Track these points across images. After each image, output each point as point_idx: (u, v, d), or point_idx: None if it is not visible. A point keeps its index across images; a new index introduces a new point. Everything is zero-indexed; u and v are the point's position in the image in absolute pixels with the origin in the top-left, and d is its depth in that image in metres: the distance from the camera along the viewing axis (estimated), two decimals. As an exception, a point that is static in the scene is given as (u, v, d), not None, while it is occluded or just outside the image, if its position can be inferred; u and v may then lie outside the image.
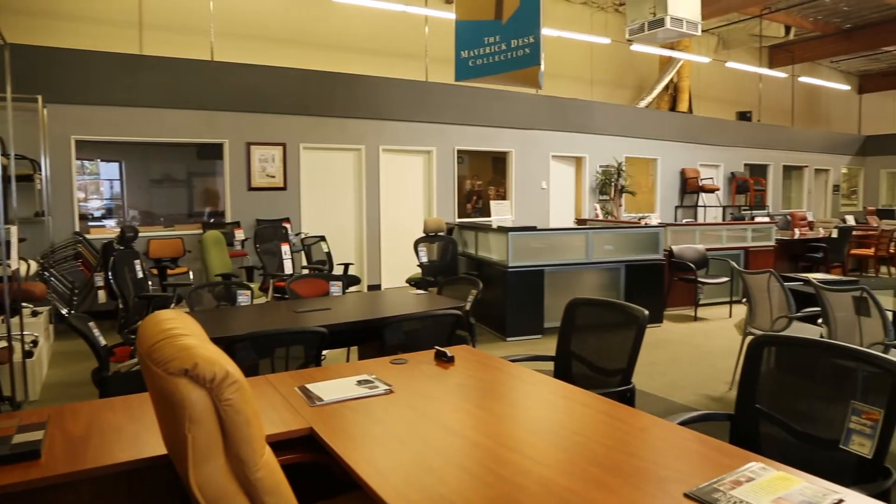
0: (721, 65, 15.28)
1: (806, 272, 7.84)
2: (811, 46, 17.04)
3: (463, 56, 6.58)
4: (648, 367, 5.48)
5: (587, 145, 12.06)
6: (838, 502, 1.42)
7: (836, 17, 15.34)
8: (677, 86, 14.89)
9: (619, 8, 14.18)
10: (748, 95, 17.10)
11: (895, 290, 5.16)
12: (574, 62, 14.12)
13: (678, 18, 6.58)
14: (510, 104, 10.88)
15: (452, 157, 10.31)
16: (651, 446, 1.78)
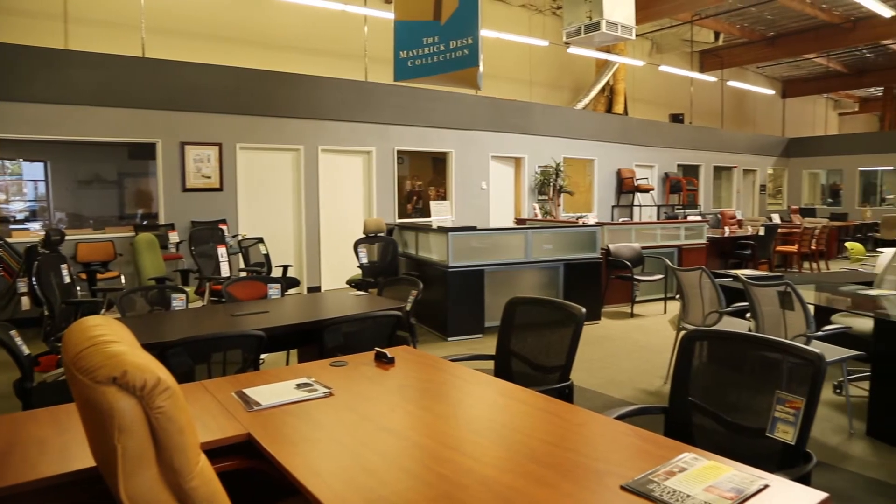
0: (655, 68, 15.74)
1: (735, 268, 8.13)
2: (739, 52, 17.73)
3: (402, 56, 6.57)
4: (587, 363, 5.59)
5: (526, 146, 12.22)
6: (764, 487, 1.48)
7: (760, 25, 16.01)
8: (613, 88, 15.25)
9: (557, 11, 14.42)
10: (680, 98, 17.65)
11: (816, 284, 5.42)
12: (513, 64, 14.29)
13: (613, 22, 6.73)
14: (450, 105, 10.92)
15: (392, 157, 10.28)
16: (589, 441, 1.82)
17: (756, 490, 1.47)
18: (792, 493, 1.47)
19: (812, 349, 1.90)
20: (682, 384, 2.19)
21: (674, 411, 2.21)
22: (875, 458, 3.61)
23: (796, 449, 1.83)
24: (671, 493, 1.46)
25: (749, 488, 1.48)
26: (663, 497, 1.45)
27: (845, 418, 4.13)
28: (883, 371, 3.84)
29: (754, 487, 1.48)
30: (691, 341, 2.18)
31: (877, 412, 3.88)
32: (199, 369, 2.88)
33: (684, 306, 4.80)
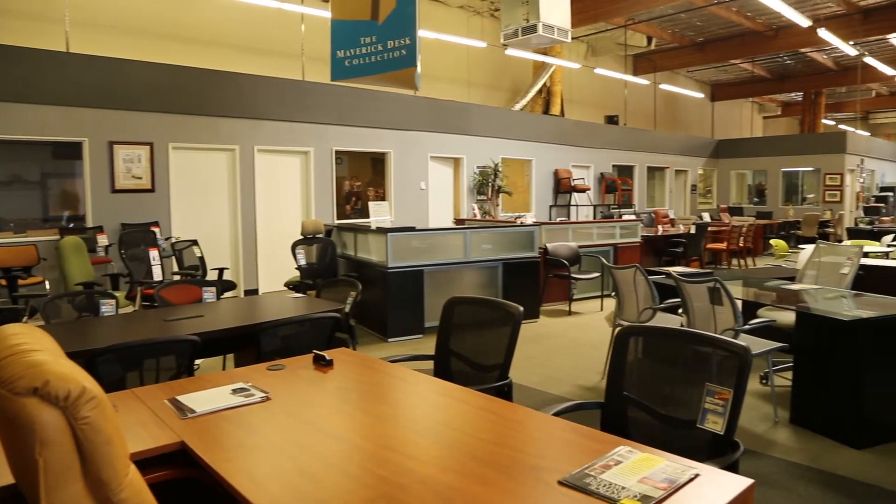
0: (590, 71, 16.08)
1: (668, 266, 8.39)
2: (670, 56, 18.31)
3: (339, 56, 6.50)
4: (526, 361, 5.66)
5: (465, 146, 12.29)
6: (694, 477, 1.53)
7: (690, 31, 16.57)
8: (550, 90, 15.50)
9: (495, 13, 14.57)
10: (615, 100, 18.10)
11: (744, 280, 5.64)
12: (452, 65, 14.36)
13: (550, 25, 6.83)
14: (389, 105, 10.89)
15: (331, 157, 10.18)
16: (527, 438, 1.84)
17: (687, 479, 1.52)
18: (720, 480, 1.53)
19: (739, 342, 1.98)
20: (617, 380, 2.24)
21: (609, 406, 2.26)
22: (797, 443, 3.78)
23: (725, 438, 1.90)
24: (607, 486, 1.50)
25: (681, 478, 1.53)
26: (599, 490, 1.48)
27: (771, 407, 4.32)
28: (804, 361, 4.03)
29: (685, 477, 1.53)
30: (625, 337, 2.24)
31: (799, 401, 4.07)
32: (131, 377, 2.79)
33: (620, 303, 4.92)
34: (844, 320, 3.76)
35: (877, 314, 3.81)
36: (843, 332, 3.77)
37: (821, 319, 3.95)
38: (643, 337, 2.24)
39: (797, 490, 3.21)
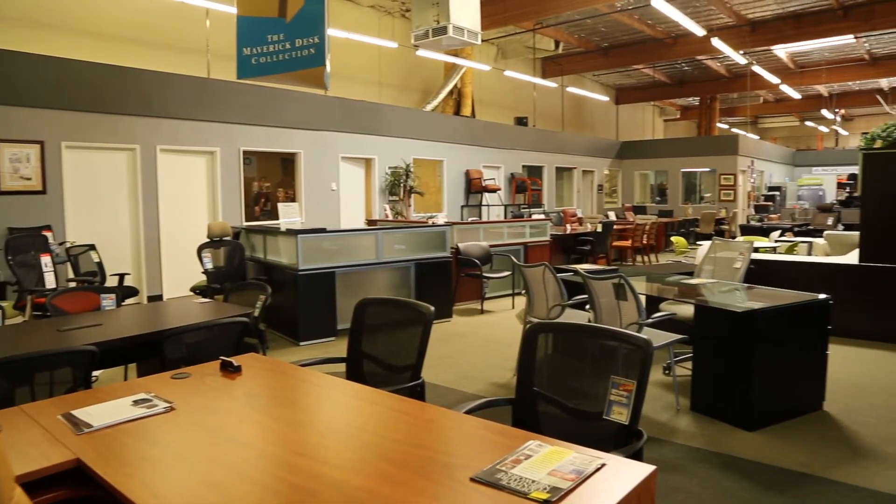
0: (500, 73, 16.34)
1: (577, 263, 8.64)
2: (577, 60, 18.87)
3: (245, 53, 6.33)
4: (439, 360, 5.70)
5: (376, 147, 12.23)
6: (601, 466, 1.59)
7: (595, 36, 17.13)
8: (461, 91, 15.65)
9: (406, 14, 14.57)
10: (524, 102, 18.47)
11: (647, 276, 5.89)
12: (363, 65, 14.26)
13: (460, 27, 6.89)
14: (299, 104, 10.69)
15: (238, 158, 9.89)
16: (439, 437, 1.85)
17: (594, 469, 1.57)
18: (625, 469, 1.59)
19: (641, 336, 2.06)
20: (527, 375, 2.29)
21: (520, 402, 2.30)
22: (697, 429, 3.99)
23: (630, 428, 1.97)
24: (518, 480, 1.52)
25: (588, 468, 1.58)
26: (510, 484, 1.50)
27: (673, 396, 4.53)
28: (702, 351, 4.25)
29: (592, 467, 1.58)
30: (534, 334, 2.28)
31: (698, 389, 4.29)
32: (21, 392, 2.60)
33: (530, 301, 5.03)
34: (737, 312, 3.99)
35: (766, 305, 4.07)
36: (736, 322, 4.00)
37: (716, 311, 4.19)
38: (551, 333, 2.30)
39: (698, 473, 3.38)
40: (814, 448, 3.71)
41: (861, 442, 3.81)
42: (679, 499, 3.09)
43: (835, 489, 3.21)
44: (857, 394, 4.67)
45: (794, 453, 3.63)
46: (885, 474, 3.38)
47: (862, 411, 4.32)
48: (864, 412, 4.30)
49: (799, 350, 4.26)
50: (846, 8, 14.10)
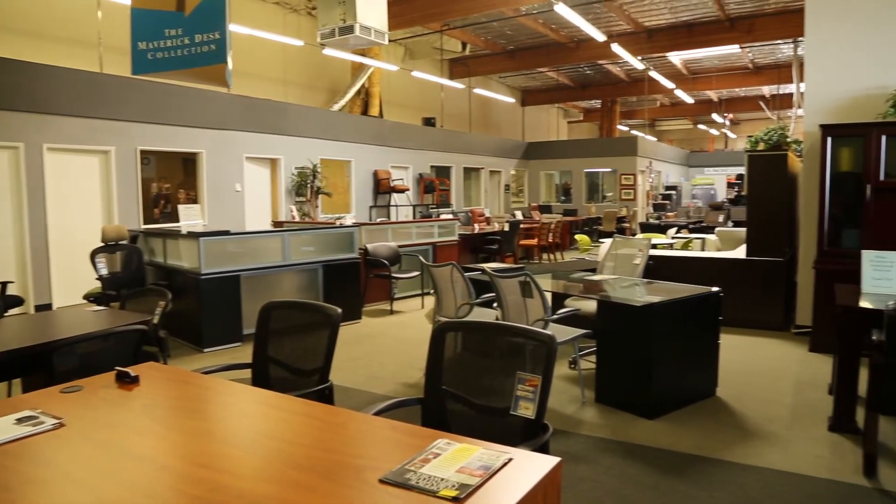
0: (408, 73, 16.36)
1: (485, 262, 8.78)
2: (484, 62, 19.14)
3: (141, 48, 6.03)
4: (349, 362, 5.64)
5: (282, 147, 11.98)
6: (508, 461, 1.61)
7: (502, 39, 17.43)
8: (369, 91, 15.56)
9: (312, 11, 14.33)
10: (432, 103, 18.56)
11: (553, 273, 6.05)
12: (268, 63, 13.91)
13: (367, 27, 6.84)
14: (201, 102, 10.32)
15: (135, 157, 9.44)
16: (347, 440, 1.83)
17: (501, 464, 1.59)
18: (532, 462, 1.62)
19: (545, 332, 2.11)
20: (436, 374, 2.30)
21: (429, 401, 2.31)
22: (602, 420, 4.14)
23: (536, 422, 2.02)
24: (427, 479, 1.53)
25: (495, 464, 1.60)
26: (420, 484, 1.51)
27: (579, 389, 4.67)
28: (605, 345, 4.41)
29: (500, 462, 1.60)
30: (441, 333, 2.30)
31: (602, 381, 4.45)
32: None
33: (438, 300, 5.06)
34: (636, 306, 4.17)
35: (663, 299, 4.27)
36: (635, 316, 4.18)
37: (617, 306, 4.36)
38: (458, 332, 2.32)
39: (602, 462, 3.50)
40: (708, 432, 3.93)
41: (749, 423, 4.07)
42: (585, 488, 3.20)
43: (727, 469, 3.41)
44: (746, 379, 4.99)
45: (691, 438, 3.84)
46: (770, 451, 3.63)
47: (750, 395, 4.61)
48: (752, 396, 4.60)
49: (694, 340, 4.50)
50: (732, 20, 15.02)
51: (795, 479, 3.30)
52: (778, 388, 4.79)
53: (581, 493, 3.15)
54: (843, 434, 3.88)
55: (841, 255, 5.54)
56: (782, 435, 3.89)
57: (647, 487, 3.20)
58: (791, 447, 3.71)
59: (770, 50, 18.24)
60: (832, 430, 3.94)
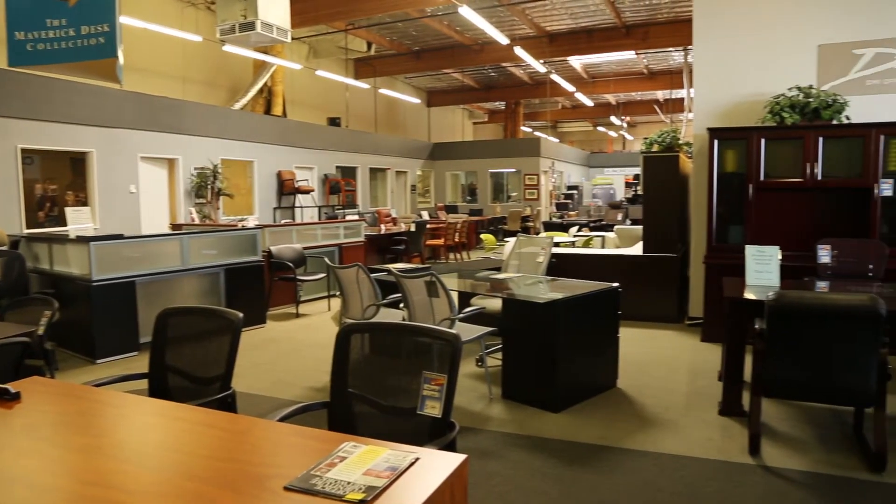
0: (312, 72, 16.09)
1: (392, 263, 8.75)
2: (389, 62, 19.09)
3: (18, 38, 5.62)
4: (253, 368, 5.49)
5: (180, 146, 11.51)
6: (415, 461, 1.61)
7: (407, 40, 17.45)
8: (272, 90, 15.19)
9: (211, 6, 13.82)
10: (337, 102, 18.35)
11: (459, 272, 6.12)
12: (164, 58, 13.32)
13: (269, 24, 6.68)
14: (90, 98, 9.75)
15: (16, 157, 8.80)
16: (251, 448, 1.78)
17: (408, 464, 1.59)
18: (438, 460, 1.63)
19: (450, 331, 2.13)
20: (342, 377, 2.27)
21: (335, 404, 2.28)
22: (509, 415, 4.22)
23: (443, 420, 2.03)
24: (333, 483, 1.50)
25: (402, 464, 1.59)
26: (326, 489, 1.48)
27: (486, 386, 4.74)
28: (510, 342, 4.50)
29: (407, 462, 1.60)
30: (346, 335, 2.27)
31: (508, 377, 4.54)
32: None
33: (345, 302, 5.00)
34: (540, 303, 4.28)
35: (565, 295, 4.40)
36: (539, 313, 4.28)
37: (521, 303, 4.46)
38: (364, 333, 2.30)
39: (510, 456, 3.57)
40: (610, 422, 4.09)
41: (648, 412, 4.26)
42: (494, 482, 3.25)
43: (628, 456, 3.56)
44: (644, 370, 5.22)
45: (594, 428, 3.98)
46: (667, 437, 3.82)
47: (648, 385, 4.83)
48: (650, 386, 4.82)
49: (595, 335, 4.67)
50: (628, 27, 15.69)
51: (689, 462, 3.48)
52: (673, 378, 5.04)
53: (490, 488, 3.19)
54: (732, 417, 4.13)
55: (728, 251, 5.90)
56: (677, 421, 4.10)
57: (554, 479, 3.29)
58: (685, 432, 3.91)
59: (663, 57, 19.18)
60: (722, 414, 4.19)
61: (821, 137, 5.75)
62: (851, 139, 5.72)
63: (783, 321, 3.36)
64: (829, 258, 5.01)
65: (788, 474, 3.34)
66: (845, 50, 6.25)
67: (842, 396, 3.51)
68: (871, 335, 3.22)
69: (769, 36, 6.43)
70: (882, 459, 3.35)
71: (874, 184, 5.63)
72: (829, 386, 3.41)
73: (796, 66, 6.33)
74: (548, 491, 3.17)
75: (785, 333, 3.38)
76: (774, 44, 6.41)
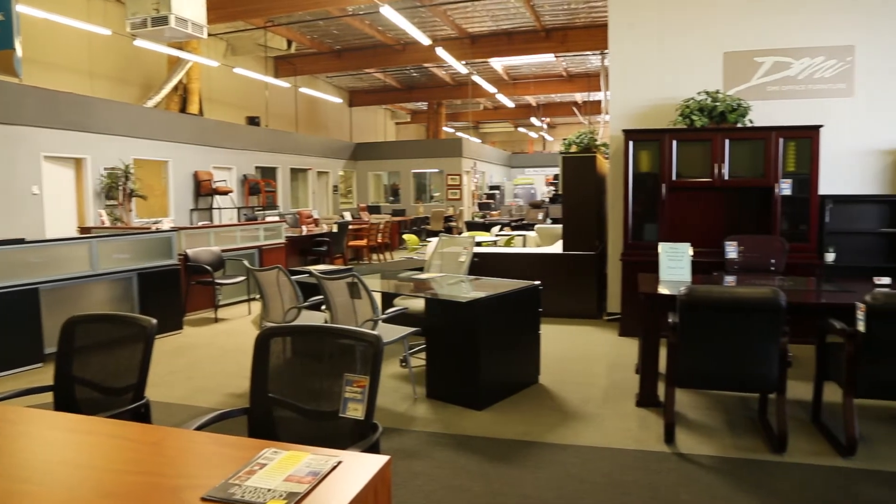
0: (230, 70, 15.66)
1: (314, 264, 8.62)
2: (310, 61, 18.80)
3: None
4: (170, 376, 5.29)
5: (88, 145, 10.97)
6: (337, 464, 1.60)
7: (328, 38, 17.22)
8: (187, 87, 14.69)
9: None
10: (256, 101, 17.93)
11: (382, 273, 6.10)
12: (70, 52, 12.65)
13: (183, 18, 6.46)
14: (-16, 94, 9.16)
15: None
16: (166, 459, 1.72)
17: (330, 468, 1.58)
18: (361, 463, 1.61)
19: (371, 332, 2.12)
20: (261, 382, 2.22)
21: (255, 410, 2.23)
22: (434, 415, 4.23)
23: (366, 422, 2.02)
24: (253, 492, 1.47)
25: (324, 468, 1.58)
26: (245, 497, 1.45)
27: (410, 386, 4.74)
28: (434, 341, 4.52)
29: (329, 466, 1.59)
30: (266, 340, 2.22)
31: (432, 376, 4.56)
32: None
33: (265, 305, 4.90)
34: (462, 302, 4.31)
35: (487, 294, 4.46)
36: (462, 312, 4.32)
37: (444, 303, 4.49)
38: (284, 337, 2.26)
39: (435, 455, 3.59)
40: (533, 417, 4.17)
41: (569, 406, 4.37)
42: (419, 483, 3.26)
43: (550, 450, 3.64)
44: (565, 365, 5.35)
45: (517, 424, 4.05)
46: (587, 430, 3.94)
47: (569, 380, 4.96)
48: (571, 381, 4.94)
49: (517, 332, 4.75)
50: (547, 31, 16.04)
51: (609, 453, 3.60)
52: (592, 372, 5.19)
53: (416, 488, 3.20)
54: (648, 408, 4.30)
55: (643, 248, 6.13)
56: (597, 414, 4.22)
57: (478, 476, 3.33)
58: (605, 424, 4.04)
59: (581, 60, 19.70)
60: (639, 406, 4.35)
61: (727, 139, 6.05)
62: (754, 141, 6.06)
63: (694, 314, 3.52)
64: (736, 254, 5.29)
65: (701, 460, 3.50)
66: (748, 58, 6.60)
67: (748, 384, 3.71)
68: (773, 326, 3.42)
69: (679, 42, 6.72)
70: (783, 441, 3.56)
71: (775, 183, 5.98)
72: (736, 374, 3.60)
73: (705, 72, 6.65)
74: (472, 488, 3.20)
75: (696, 326, 3.54)
76: (684, 50, 6.71)
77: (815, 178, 5.95)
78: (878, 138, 6.42)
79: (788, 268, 5.30)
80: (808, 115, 6.36)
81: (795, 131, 5.99)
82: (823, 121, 6.03)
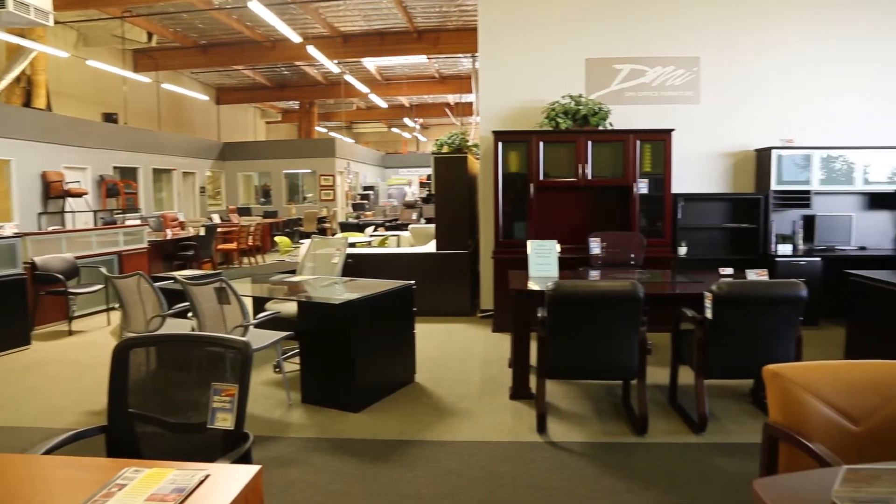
0: (83, 62, 14.53)
1: (180, 270, 8.21)
2: (173, 56, 17.81)
3: None
4: (16, 396, 4.85)
5: (-88, 143, 9.82)
6: (205, 478, 1.53)
7: (193, 32, 16.40)
8: (32, 79, 13.46)
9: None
10: (114, 97, 16.78)
11: (252, 277, 5.91)
12: None
13: (24, 3, 5.93)
14: None
15: None
16: (8, 489, 1.57)
17: (197, 483, 1.51)
18: (230, 474, 1.56)
19: (238, 338, 2.05)
20: (120, 397, 2.09)
21: (114, 428, 2.09)
22: (309, 420, 4.16)
23: (236, 432, 1.95)
24: (110, 515, 1.39)
25: (191, 483, 1.51)
26: (101, 522, 1.36)
27: (284, 392, 4.63)
28: (308, 345, 4.44)
29: (195, 481, 1.52)
30: (124, 351, 2.09)
31: (307, 381, 4.47)
32: None
33: (126, 315, 4.60)
34: (336, 304, 4.27)
35: (361, 295, 4.44)
36: (335, 314, 4.27)
37: (317, 305, 4.42)
38: (145, 347, 2.14)
39: (311, 461, 3.52)
40: (409, 416, 4.19)
41: (445, 403, 4.44)
42: (296, 489, 3.19)
43: (428, 448, 3.69)
44: (441, 363, 5.43)
45: (394, 424, 4.06)
46: (463, 425, 4.02)
47: (444, 377, 5.04)
48: (446, 378, 5.02)
49: (392, 332, 4.76)
50: (420, 32, 16.16)
51: (485, 446, 3.69)
52: (467, 368, 5.30)
53: (292, 496, 3.12)
54: (521, 400, 4.45)
55: (514, 246, 6.34)
56: (472, 409, 4.32)
57: (356, 478, 3.30)
58: (480, 419, 4.14)
59: (453, 62, 20.03)
60: (512, 398, 4.50)
61: (590, 141, 6.39)
62: (614, 143, 6.44)
63: (560, 308, 3.69)
64: (599, 249, 5.60)
65: (571, 446, 3.67)
66: (608, 64, 7.00)
67: (612, 372, 3.94)
68: (633, 316, 3.65)
69: (545, 48, 7.01)
70: (644, 424, 3.82)
71: (633, 183, 6.38)
72: (601, 364, 3.81)
73: (569, 76, 6.98)
74: (349, 491, 3.17)
75: (562, 319, 3.71)
76: (549, 55, 7.01)
77: (669, 177, 6.41)
78: (721, 142, 7.04)
79: (647, 261, 5.68)
80: (662, 119, 6.85)
81: (651, 134, 6.44)
82: (675, 125, 6.53)
